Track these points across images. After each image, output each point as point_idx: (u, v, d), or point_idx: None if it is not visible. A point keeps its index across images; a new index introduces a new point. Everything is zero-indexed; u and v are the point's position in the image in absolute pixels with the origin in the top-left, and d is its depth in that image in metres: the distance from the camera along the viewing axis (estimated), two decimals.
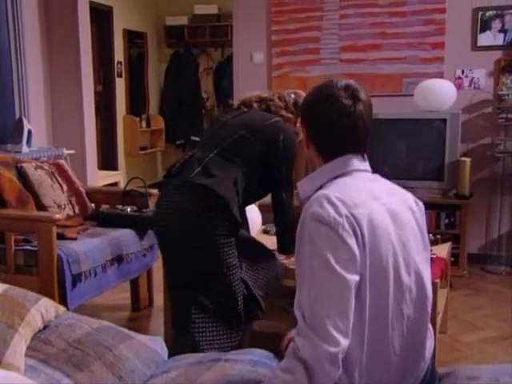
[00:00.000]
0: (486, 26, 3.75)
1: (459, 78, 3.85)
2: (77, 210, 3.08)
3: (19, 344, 1.46)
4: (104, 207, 3.26)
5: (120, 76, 6.45)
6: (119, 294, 3.20)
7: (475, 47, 3.79)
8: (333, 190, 1.30)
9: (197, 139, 6.29)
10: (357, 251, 1.23)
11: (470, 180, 3.57)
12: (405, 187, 3.79)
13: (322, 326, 1.18)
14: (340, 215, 1.24)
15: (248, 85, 4.36)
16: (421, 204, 1.46)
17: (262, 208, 2.96)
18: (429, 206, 3.54)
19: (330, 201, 1.26)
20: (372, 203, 1.31)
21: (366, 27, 3.99)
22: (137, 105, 6.75)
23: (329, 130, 1.36)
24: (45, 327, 1.65)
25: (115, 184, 5.42)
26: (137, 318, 3.06)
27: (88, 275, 2.59)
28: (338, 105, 1.33)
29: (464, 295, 3.31)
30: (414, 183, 3.62)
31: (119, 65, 6.46)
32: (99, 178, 4.98)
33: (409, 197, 1.45)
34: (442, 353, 2.51)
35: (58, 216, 2.47)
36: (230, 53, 6.61)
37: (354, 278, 1.22)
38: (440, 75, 3.85)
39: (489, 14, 3.73)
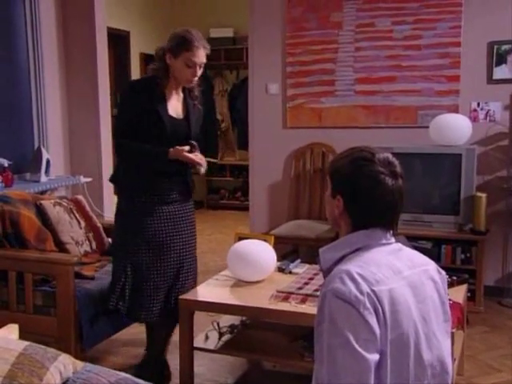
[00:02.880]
0: (501, 60, 3.75)
1: (475, 110, 3.85)
2: (94, 246, 3.13)
3: None
4: None
5: None
6: (136, 327, 3.21)
7: (491, 80, 3.79)
8: (354, 265, 1.30)
9: (213, 160, 6.33)
10: (377, 330, 1.23)
11: (486, 213, 3.56)
12: (420, 221, 3.79)
13: None
14: (361, 293, 1.24)
15: (263, 115, 4.40)
16: (443, 273, 1.46)
17: (276, 244, 2.96)
18: (444, 240, 3.58)
19: (351, 277, 1.26)
20: (393, 278, 1.31)
21: (381, 60, 4.01)
22: None
23: (370, 205, 1.36)
24: (63, 383, 1.68)
25: None
26: None
27: (105, 315, 2.62)
28: (383, 185, 1.34)
29: (481, 332, 3.29)
30: (430, 217, 3.63)
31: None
32: (115, 204, 5.02)
33: (431, 267, 1.44)
34: None
35: (76, 259, 2.51)
36: (245, 75, 6.67)
37: (373, 358, 1.22)
38: (455, 108, 3.85)
39: (504, 47, 3.73)
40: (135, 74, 6.52)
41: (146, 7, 6.73)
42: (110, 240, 3.23)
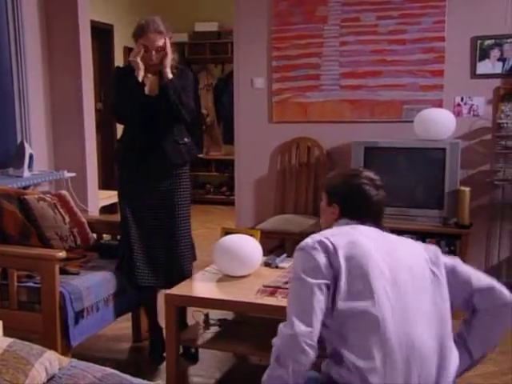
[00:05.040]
0: (484, 55, 3.78)
1: (458, 105, 3.88)
2: (79, 242, 3.09)
3: None
4: (106, 237, 3.28)
5: None
6: (122, 322, 3.19)
7: (474, 75, 3.82)
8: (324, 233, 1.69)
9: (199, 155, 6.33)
10: (324, 261, 1.58)
11: (470, 206, 3.60)
12: (405, 215, 3.83)
13: (288, 318, 1.56)
14: (314, 241, 1.63)
15: (249, 110, 4.40)
16: (432, 247, 1.70)
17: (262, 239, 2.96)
18: (429, 234, 3.61)
19: (312, 236, 1.66)
20: (357, 237, 1.65)
21: (366, 54, 4.02)
22: None
23: (359, 205, 1.76)
24: (49, 379, 1.67)
25: (114, 205, 5.41)
26: (138, 349, 3.07)
27: (90, 311, 2.61)
28: (367, 193, 1.75)
29: None
30: (414, 211, 3.66)
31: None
32: (100, 199, 4.99)
33: (418, 246, 1.71)
34: None
35: (60, 254, 2.48)
36: (230, 69, 6.65)
37: (317, 281, 1.55)
38: (439, 102, 3.88)
39: (487, 42, 3.76)
40: None
41: (130, 1, 6.68)
42: (94, 235, 3.22)
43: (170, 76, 2.66)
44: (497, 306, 1.68)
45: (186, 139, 2.84)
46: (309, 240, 1.64)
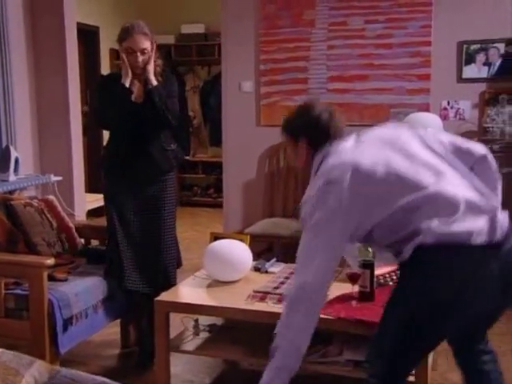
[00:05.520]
0: (470, 59, 3.82)
1: (445, 108, 3.91)
2: (66, 247, 3.07)
3: None
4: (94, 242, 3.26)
5: None
6: (111, 327, 3.17)
7: (460, 79, 3.86)
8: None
9: (186, 157, 6.32)
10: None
11: None
12: None
13: None
14: (339, 172, 1.74)
15: (237, 113, 4.39)
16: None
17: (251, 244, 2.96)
18: None
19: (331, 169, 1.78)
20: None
21: (353, 58, 4.04)
22: None
23: (322, 130, 1.89)
24: None
25: (101, 208, 5.37)
26: (127, 355, 3.05)
27: (79, 318, 2.59)
28: (320, 121, 1.91)
29: None
30: None
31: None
32: (87, 203, 4.95)
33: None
34: None
35: (49, 261, 2.46)
36: (217, 71, 6.64)
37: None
38: (426, 106, 3.92)
39: (473, 47, 3.80)
40: (105, 70, 6.42)
41: (116, 2, 6.63)
42: (82, 241, 3.19)
43: (155, 83, 2.67)
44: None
45: (172, 145, 2.86)
46: (335, 172, 1.72)
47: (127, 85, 2.65)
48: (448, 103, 3.90)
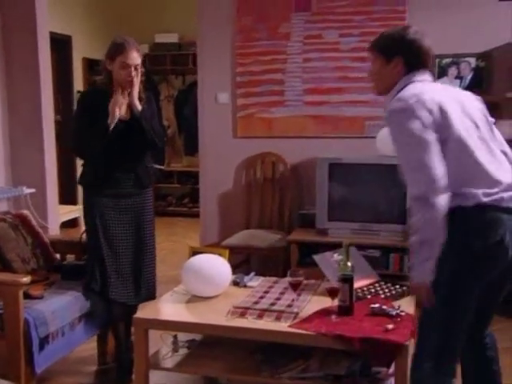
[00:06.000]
0: (443, 72, 3.90)
1: None
2: (41, 263, 3.02)
3: None
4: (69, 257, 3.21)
5: None
6: (87, 343, 3.12)
7: None
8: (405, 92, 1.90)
9: (160, 167, 6.27)
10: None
11: None
12: (368, 230, 3.88)
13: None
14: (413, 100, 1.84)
15: (213, 124, 4.39)
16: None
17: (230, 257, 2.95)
18: (392, 249, 3.69)
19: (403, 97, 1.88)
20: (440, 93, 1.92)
21: (328, 71, 4.08)
22: None
23: (419, 53, 2.00)
24: None
25: (75, 220, 5.31)
26: (105, 372, 3.00)
27: (56, 336, 2.56)
28: (422, 46, 2.02)
29: None
30: (377, 226, 3.73)
31: (79, 94, 6.37)
32: (60, 215, 4.88)
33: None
34: None
35: (25, 279, 2.41)
36: (192, 81, 6.64)
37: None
38: None
39: (445, 61, 3.89)
40: (78, 79, 6.36)
41: (88, 11, 6.58)
42: (58, 256, 3.14)
43: (139, 107, 2.69)
44: None
45: (151, 161, 2.93)
46: (408, 101, 1.83)
47: (112, 126, 2.63)
48: None
